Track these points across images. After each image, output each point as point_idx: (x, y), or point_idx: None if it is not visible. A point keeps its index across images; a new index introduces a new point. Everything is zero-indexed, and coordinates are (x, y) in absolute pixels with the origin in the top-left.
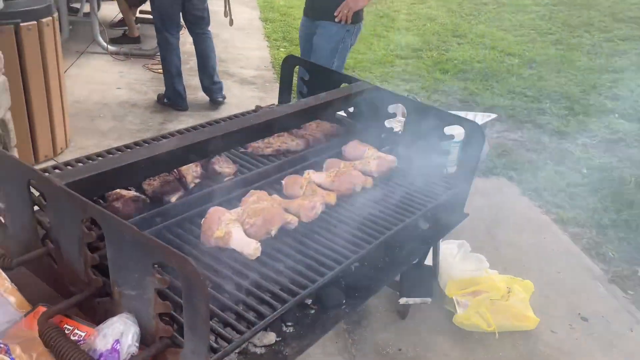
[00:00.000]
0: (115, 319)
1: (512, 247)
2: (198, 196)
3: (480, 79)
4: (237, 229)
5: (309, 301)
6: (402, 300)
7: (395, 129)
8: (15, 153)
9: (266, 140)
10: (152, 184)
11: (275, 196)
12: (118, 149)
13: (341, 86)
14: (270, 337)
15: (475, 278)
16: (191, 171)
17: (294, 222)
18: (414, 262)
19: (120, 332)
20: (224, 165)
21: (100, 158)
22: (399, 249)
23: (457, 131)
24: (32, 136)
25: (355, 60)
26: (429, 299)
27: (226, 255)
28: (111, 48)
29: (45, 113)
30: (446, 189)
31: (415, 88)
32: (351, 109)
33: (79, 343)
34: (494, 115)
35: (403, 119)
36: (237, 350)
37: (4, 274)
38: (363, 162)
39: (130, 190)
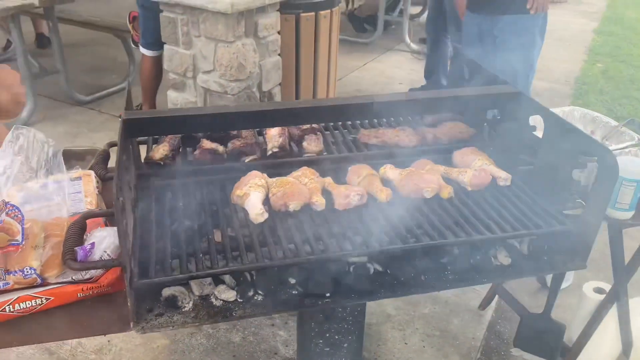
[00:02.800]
0: (108, 229)
1: None
2: (264, 164)
3: None
4: (256, 193)
5: (293, 280)
6: (516, 352)
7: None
8: None
9: (380, 130)
10: (235, 143)
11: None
12: None
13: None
14: (230, 295)
15: None
16: (273, 140)
17: (319, 204)
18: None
19: (102, 237)
20: (312, 144)
21: None
22: (417, 273)
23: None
24: None
25: None
26: None
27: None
28: (413, 46)
29: (310, 93)
30: (559, 223)
31: None
32: (491, 115)
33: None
34: None
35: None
36: (197, 293)
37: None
38: (461, 170)
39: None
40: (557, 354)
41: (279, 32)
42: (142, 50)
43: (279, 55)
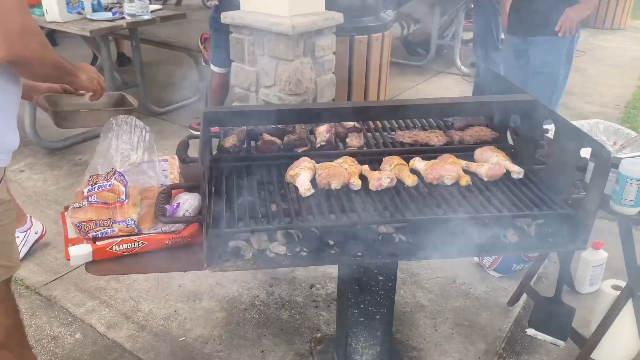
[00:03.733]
0: (190, 194)
1: None
2: (312, 154)
3: None
4: (305, 173)
5: (332, 242)
6: (530, 332)
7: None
8: None
9: (415, 131)
10: (290, 137)
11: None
12: None
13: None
14: (282, 249)
15: None
16: (322, 135)
17: (356, 185)
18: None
19: (185, 200)
20: (354, 140)
21: None
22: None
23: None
24: None
25: None
26: (562, 342)
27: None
28: (464, 69)
29: None
30: (560, 209)
31: None
32: (513, 123)
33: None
34: None
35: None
36: (256, 247)
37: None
38: (479, 164)
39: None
40: (567, 335)
41: (334, 53)
42: (212, 67)
43: (333, 73)
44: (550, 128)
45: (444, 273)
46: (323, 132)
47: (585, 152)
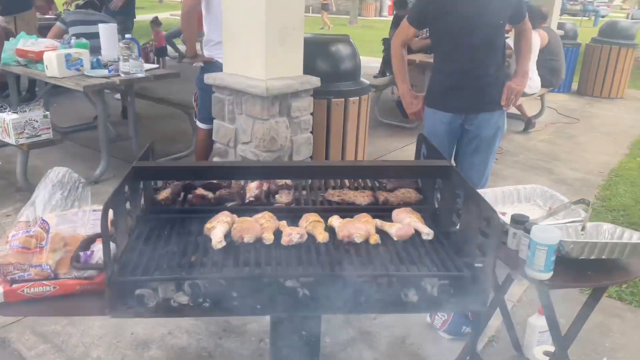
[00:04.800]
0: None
1: None
2: (240, 209)
3: None
4: (220, 226)
5: (235, 293)
6: None
7: None
8: None
9: (344, 190)
10: (221, 192)
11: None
12: None
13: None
14: (184, 299)
15: None
16: (252, 191)
17: (268, 239)
18: None
19: (100, 248)
20: (283, 196)
21: None
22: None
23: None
24: None
25: None
26: None
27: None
28: None
29: None
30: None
31: None
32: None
33: None
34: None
35: None
36: (161, 295)
37: None
38: (392, 224)
39: (207, 190)
40: None
41: (311, 113)
42: (198, 123)
43: (310, 132)
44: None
45: (394, 332)
46: (253, 188)
47: (506, 218)
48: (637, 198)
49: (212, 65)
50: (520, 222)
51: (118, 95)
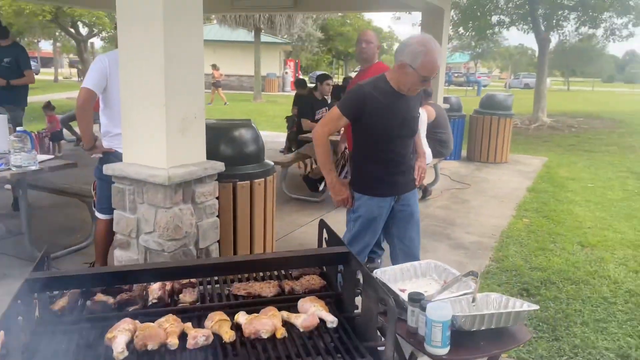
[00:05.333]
0: None
1: None
2: (143, 312)
3: None
4: (122, 335)
5: None
6: None
7: None
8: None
9: (250, 283)
10: (122, 296)
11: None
12: None
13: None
14: None
15: None
16: (154, 293)
17: (173, 345)
18: None
19: None
20: (187, 295)
21: None
22: None
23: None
24: None
25: (599, 237)
26: None
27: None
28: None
29: (247, 250)
30: (360, 357)
31: None
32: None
33: None
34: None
35: None
36: None
37: None
38: (297, 315)
39: (108, 295)
40: None
41: (217, 197)
42: (97, 214)
43: (217, 216)
44: None
45: None
46: (155, 289)
47: (405, 295)
48: (526, 258)
49: (112, 156)
50: (417, 300)
51: (8, 186)
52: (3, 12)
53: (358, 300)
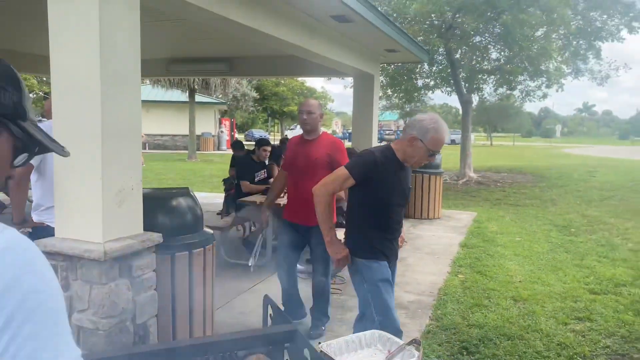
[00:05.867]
0: None
1: None
2: None
3: None
4: None
5: None
6: None
7: None
8: None
9: None
10: None
11: None
12: None
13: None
14: None
15: None
16: None
17: None
18: None
19: None
20: None
21: None
22: None
23: None
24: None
25: (530, 291)
26: None
27: None
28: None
29: (186, 322)
30: None
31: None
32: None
33: None
34: None
35: None
36: None
37: None
38: None
39: None
40: None
41: (154, 270)
42: None
43: (155, 290)
44: None
45: None
46: None
47: None
48: (463, 314)
49: (43, 231)
50: None
51: None
52: None
53: None
